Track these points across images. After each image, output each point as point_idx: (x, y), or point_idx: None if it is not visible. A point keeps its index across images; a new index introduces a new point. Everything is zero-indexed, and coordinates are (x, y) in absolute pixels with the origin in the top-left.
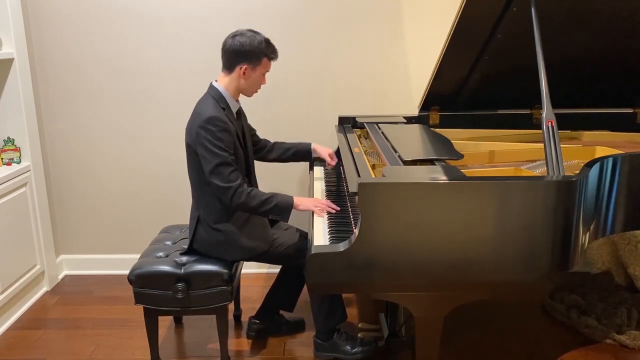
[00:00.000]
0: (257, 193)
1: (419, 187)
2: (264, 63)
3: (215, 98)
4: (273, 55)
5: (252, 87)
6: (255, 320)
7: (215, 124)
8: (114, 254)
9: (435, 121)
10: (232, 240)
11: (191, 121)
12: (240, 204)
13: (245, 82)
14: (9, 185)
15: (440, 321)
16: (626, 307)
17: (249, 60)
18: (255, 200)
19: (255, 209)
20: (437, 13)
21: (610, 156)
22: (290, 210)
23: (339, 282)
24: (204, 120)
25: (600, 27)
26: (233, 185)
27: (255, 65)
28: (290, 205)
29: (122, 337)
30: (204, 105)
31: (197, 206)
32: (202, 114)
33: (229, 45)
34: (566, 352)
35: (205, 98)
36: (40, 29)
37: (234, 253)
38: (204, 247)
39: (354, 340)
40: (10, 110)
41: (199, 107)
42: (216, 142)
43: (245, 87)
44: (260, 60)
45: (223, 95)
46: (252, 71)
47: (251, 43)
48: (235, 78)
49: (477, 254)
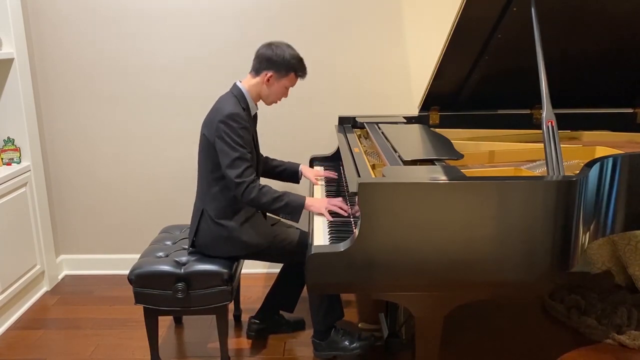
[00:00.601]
0: (269, 190)
1: (419, 187)
2: (290, 77)
3: (237, 97)
4: (301, 73)
5: (272, 96)
6: (255, 320)
7: (237, 120)
8: (114, 254)
9: (435, 121)
10: (235, 236)
11: (211, 115)
12: (252, 199)
13: (267, 89)
14: (9, 185)
15: (440, 321)
16: (626, 307)
17: (277, 69)
18: (267, 197)
19: (266, 206)
20: (437, 13)
21: (610, 156)
22: (302, 211)
23: (339, 282)
24: (226, 115)
25: (600, 27)
26: (247, 180)
27: (282, 76)
28: (301, 205)
29: (122, 337)
30: (227, 101)
31: (203, 200)
32: (224, 109)
33: (263, 52)
34: (566, 352)
35: (227, 96)
36: (40, 29)
37: (236, 249)
38: (206, 242)
39: (351, 336)
40: (10, 110)
41: (221, 103)
42: (236, 137)
43: (266, 94)
44: (288, 74)
45: (245, 95)
46: (276, 81)
47: (284, 55)
48: (259, 82)
49: (477, 254)
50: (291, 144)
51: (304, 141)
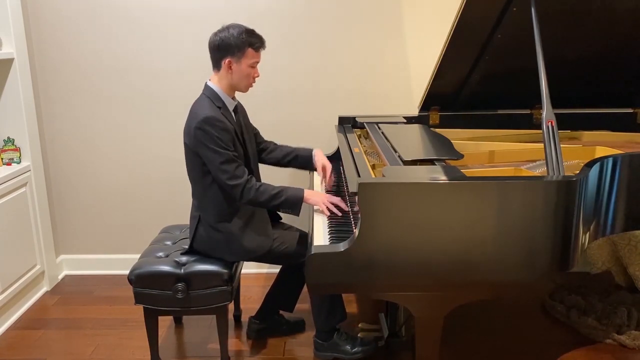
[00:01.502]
0: (267, 188)
1: (419, 187)
2: (249, 54)
3: (210, 97)
4: (258, 44)
5: (242, 81)
6: (255, 320)
7: (212, 123)
8: (114, 254)
9: (435, 121)
10: (233, 241)
11: (188, 122)
12: (251, 199)
13: (233, 77)
14: (9, 185)
15: (440, 321)
16: (626, 307)
17: (232, 53)
18: (265, 195)
19: (266, 204)
20: (437, 13)
21: (610, 156)
22: (301, 204)
23: (339, 282)
24: (200, 121)
25: (600, 27)
26: (241, 182)
27: (240, 57)
28: (300, 199)
29: (122, 337)
30: (200, 105)
31: (198, 206)
32: (198, 114)
33: (211, 42)
34: (566, 352)
35: (200, 98)
36: (40, 29)
37: (235, 254)
38: (204, 247)
39: (354, 340)
40: (10, 110)
41: (195, 107)
42: (217, 140)
43: (235, 81)
44: (244, 52)
45: (217, 93)
46: (237, 64)
47: (231, 36)
48: (223, 74)
49: (477, 254)
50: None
51: (304, 141)
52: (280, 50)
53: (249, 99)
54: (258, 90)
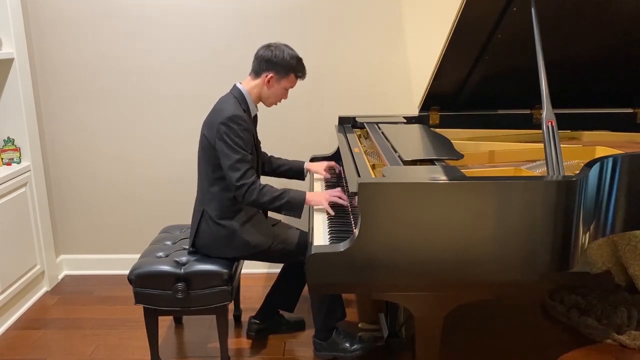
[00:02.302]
0: (269, 190)
1: (419, 187)
2: (290, 78)
3: (237, 98)
4: (301, 74)
5: (272, 98)
6: (255, 320)
7: (238, 122)
8: (114, 254)
9: (435, 121)
10: (235, 237)
11: (212, 116)
12: (253, 200)
13: (267, 91)
14: (9, 185)
15: (440, 321)
16: (626, 307)
17: (277, 70)
18: (267, 197)
19: (267, 205)
20: (437, 13)
21: (610, 156)
22: (303, 206)
23: (339, 282)
24: (227, 117)
25: (600, 27)
26: (247, 183)
27: (282, 77)
28: (302, 201)
29: (122, 337)
30: (227, 103)
31: (202, 200)
32: (225, 111)
33: (262, 52)
34: (566, 352)
35: (228, 97)
36: (40, 29)
37: (236, 249)
38: (206, 242)
39: (352, 338)
40: (10, 110)
41: (222, 104)
42: (237, 139)
43: (266, 95)
44: (288, 75)
45: (245, 97)
46: (276, 82)
47: (284, 56)
48: (259, 84)
49: (477, 254)
50: (291, 144)
51: (304, 141)
52: None
53: None
54: None
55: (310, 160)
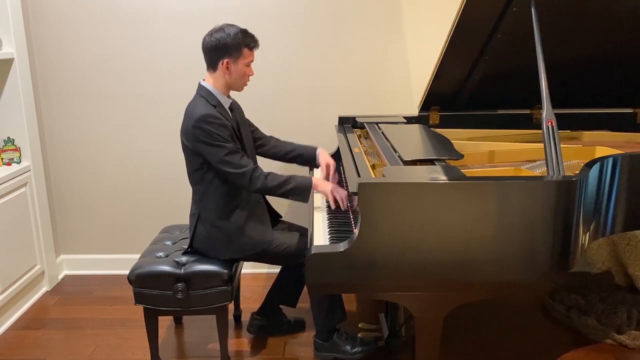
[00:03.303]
0: (275, 176)
1: (419, 187)
2: (245, 54)
3: (205, 97)
4: (253, 44)
5: (238, 81)
6: (257, 316)
7: (209, 121)
8: (114, 254)
9: (435, 121)
10: (232, 238)
11: (185, 122)
12: (260, 187)
13: (230, 77)
14: (9, 185)
15: (440, 321)
16: (626, 307)
17: (229, 54)
18: (275, 182)
19: (275, 191)
20: (437, 13)
21: (610, 156)
22: (310, 191)
23: (339, 282)
24: (197, 119)
25: (600, 27)
26: (247, 170)
27: (237, 57)
28: (309, 185)
29: (122, 337)
30: (195, 105)
31: (197, 204)
32: (195, 114)
33: (207, 43)
34: (566, 352)
35: (195, 99)
36: (40, 29)
37: (234, 251)
38: (204, 245)
39: (354, 340)
40: (10, 110)
41: (191, 108)
42: (215, 136)
43: (232, 81)
44: (240, 52)
45: (212, 93)
46: (234, 64)
47: (227, 36)
48: (220, 75)
49: (477, 254)
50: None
51: (304, 141)
52: (279, 50)
53: (249, 98)
54: (258, 90)
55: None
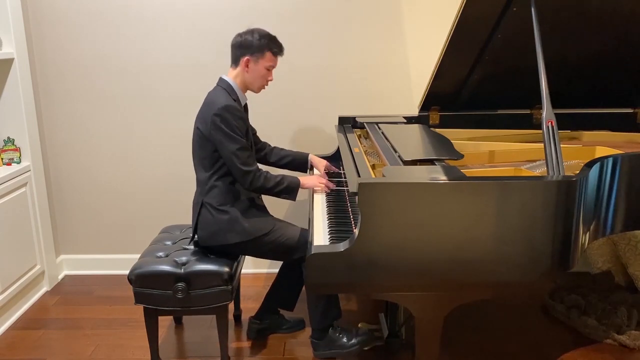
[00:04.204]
0: (271, 176)
1: (419, 187)
2: (268, 57)
3: (226, 89)
4: (277, 50)
5: (256, 81)
6: (255, 320)
7: (231, 111)
8: (114, 254)
9: (435, 121)
10: (237, 221)
11: (204, 109)
12: (259, 187)
13: (249, 75)
14: (9, 185)
15: (440, 321)
16: (626, 307)
17: (252, 52)
18: (271, 182)
19: (271, 190)
20: (437, 13)
21: (610, 156)
22: (298, 189)
23: (339, 282)
24: (220, 108)
25: (600, 27)
26: (252, 170)
27: (258, 58)
28: (297, 184)
29: (122, 337)
30: (218, 95)
31: (201, 192)
32: (217, 102)
33: (235, 41)
34: (566, 352)
35: (217, 90)
36: (40, 29)
37: (238, 234)
38: (208, 232)
39: (349, 333)
40: (10, 110)
41: (212, 97)
42: (234, 128)
43: (250, 80)
44: (263, 54)
45: (233, 87)
46: (255, 64)
47: (254, 38)
48: (240, 72)
49: (477, 254)
50: (291, 144)
51: (304, 141)
52: None
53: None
54: None
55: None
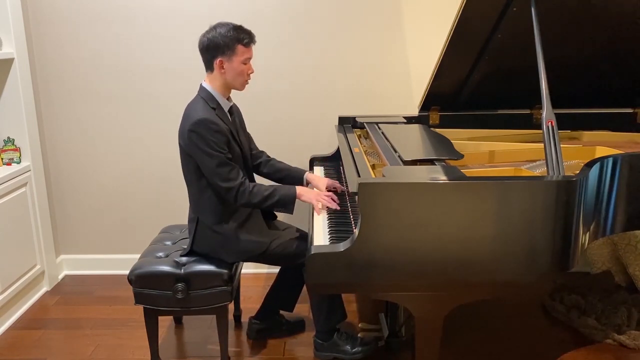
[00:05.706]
0: (260, 189)
1: (419, 187)
2: (239, 51)
3: (205, 99)
4: (247, 40)
5: (237, 79)
6: (255, 320)
7: (205, 126)
8: (114, 254)
9: (435, 121)
10: (232, 242)
11: (182, 124)
12: (245, 202)
13: (227, 76)
14: (9, 185)
15: (440, 321)
16: (626, 307)
17: (222, 52)
18: (258, 197)
19: (260, 205)
20: (437, 13)
21: (610, 156)
22: (294, 202)
23: (339, 282)
24: (193, 123)
25: (600, 27)
26: (235, 185)
27: (230, 55)
28: (293, 197)
29: (122, 337)
30: (193, 107)
31: (195, 208)
32: (192, 117)
33: (201, 43)
34: (566, 352)
35: (195, 100)
36: (40, 29)
37: (233, 254)
38: (204, 249)
39: (354, 340)
40: (10, 110)
41: (189, 110)
42: (210, 143)
43: (230, 80)
44: (234, 49)
45: (212, 94)
46: (229, 63)
47: (219, 35)
48: (217, 75)
49: (477, 254)
50: (291, 144)
51: (304, 141)
52: (280, 50)
53: (249, 98)
54: (258, 90)
55: (310, 160)
